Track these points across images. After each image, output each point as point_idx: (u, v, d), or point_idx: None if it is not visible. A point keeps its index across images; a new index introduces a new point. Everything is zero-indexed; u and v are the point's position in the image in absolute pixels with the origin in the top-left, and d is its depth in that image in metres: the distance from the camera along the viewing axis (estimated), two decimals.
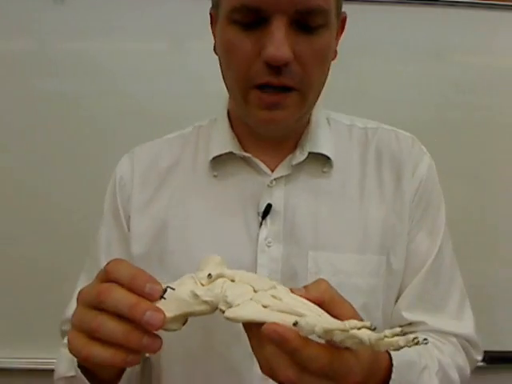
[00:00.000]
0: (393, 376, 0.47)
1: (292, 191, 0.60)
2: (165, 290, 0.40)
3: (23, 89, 1.11)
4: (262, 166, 0.61)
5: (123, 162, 0.67)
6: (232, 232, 0.59)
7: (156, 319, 0.38)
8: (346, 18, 0.61)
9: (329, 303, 0.39)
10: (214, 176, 0.62)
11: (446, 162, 1.21)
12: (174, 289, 0.40)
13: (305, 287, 0.40)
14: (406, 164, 0.64)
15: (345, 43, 0.61)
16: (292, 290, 0.40)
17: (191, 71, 1.12)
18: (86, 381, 0.49)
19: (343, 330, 0.35)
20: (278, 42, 0.49)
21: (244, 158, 0.61)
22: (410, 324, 0.61)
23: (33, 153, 1.11)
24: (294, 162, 0.60)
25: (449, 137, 1.20)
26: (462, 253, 1.21)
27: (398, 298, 0.62)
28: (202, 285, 0.41)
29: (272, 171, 0.61)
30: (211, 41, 0.59)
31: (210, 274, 0.41)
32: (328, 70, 0.58)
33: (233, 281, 0.41)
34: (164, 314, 0.39)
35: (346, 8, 0.59)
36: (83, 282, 0.65)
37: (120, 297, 0.39)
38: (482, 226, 1.23)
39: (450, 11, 1.17)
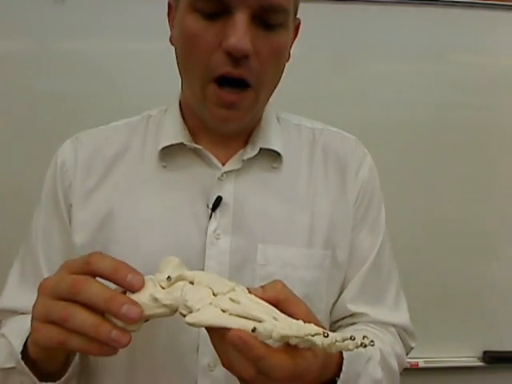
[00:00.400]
0: (343, 368, 0.50)
1: (242, 185, 0.61)
2: (124, 293, 0.41)
3: (23, 89, 1.11)
4: (213, 159, 0.61)
5: (65, 146, 0.65)
6: (181, 224, 0.59)
7: (133, 312, 0.39)
8: (299, 23, 0.62)
9: (284, 302, 0.41)
10: (163, 166, 0.61)
11: (445, 161, 1.22)
12: (133, 292, 0.41)
13: (262, 287, 0.42)
14: (350, 165, 0.66)
15: (345, 43, 0.61)
16: (250, 290, 0.42)
17: None
18: (29, 371, 0.48)
19: (298, 337, 0.37)
20: (241, 33, 0.50)
21: (195, 150, 0.61)
22: (353, 315, 0.64)
23: (32, 152, 1.11)
24: (245, 157, 0.60)
25: (449, 137, 1.20)
26: (463, 253, 1.22)
27: (341, 291, 0.65)
28: (162, 287, 0.42)
29: (223, 165, 0.61)
30: None
31: (169, 277, 0.42)
32: (282, 70, 0.59)
33: (192, 283, 0.42)
34: (141, 308, 0.40)
35: (346, 8, 0.59)
36: (17, 269, 0.64)
37: (96, 290, 0.39)
38: (482, 227, 1.23)
39: (450, 11, 1.17)
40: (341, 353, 0.50)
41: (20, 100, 1.11)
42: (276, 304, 0.41)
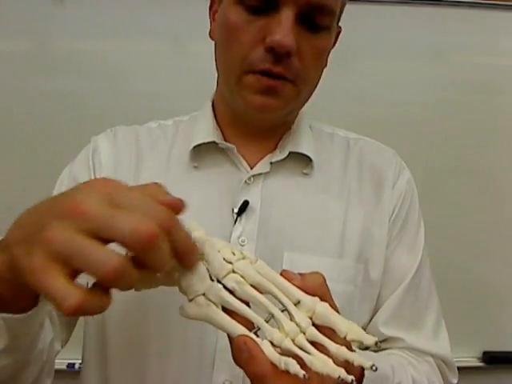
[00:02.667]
0: None
1: (270, 189, 0.59)
2: None
3: (23, 89, 1.11)
4: (242, 160, 0.59)
5: (101, 136, 0.64)
6: (203, 227, 0.56)
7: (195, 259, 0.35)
8: (340, 32, 0.61)
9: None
10: (195, 167, 0.60)
11: (446, 161, 1.22)
12: None
13: (301, 275, 0.38)
14: (387, 176, 0.63)
15: (345, 43, 0.62)
16: (285, 275, 0.37)
17: (192, 71, 1.12)
18: None
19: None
20: (286, 30, 0.49)
21: (224, 152, 0.60)
22: (386, 340, 0.60)
23: (34, 152, 1.11)
24: (274, 160, 0.59)
25: (448, 137, 1.20)
26: (463, 253, 1.22)
27: (374, 312, 0.60)
28: None
29: (251, 168, 0.59)
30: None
31: None
32: (320, 76, 0.58)
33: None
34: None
35: (346, 8, 0.59)
36: None
37: (183, 232, 0.34)
38: (483, 226, 1.23)
39: (450, 11, 1.17)
40: (362, 372, 0.45)
41: (20, 100, 1.11)
42: None
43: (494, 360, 1.25)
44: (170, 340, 0.54)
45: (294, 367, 0.33)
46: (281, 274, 0.37)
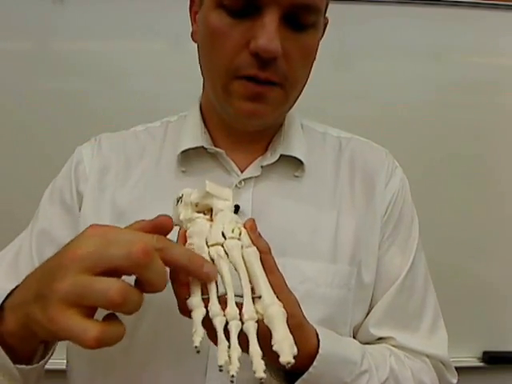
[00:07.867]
0: (315, 363, 0.44)
1: (261, 193, 0.57)
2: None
3: (23, 89, 1.11)
4: (232, 164, 0.58)
5: (85, 146, 0.64)
6: None
7: (214, 271, 0.38)
8: (327, 22, 0.60)
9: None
10: (183, 172, 0.59)
11: (446, 161, 1.21)
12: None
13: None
14: (379, 175, 0.62)
15: (345, 43, 0.61)
16: (246, 226, 0.42)
17: (192, 71, 1.12)
18: (4, 354, 0.40)
19: None
20: (271, 35, 0.48)
21: (214, 155, 0.59)
22: (378, 341, 0.59)
23: (34, 152, 1.11)
24: (265, 163, 0.58)
25: (448, 137, 1.20)
26: (463, 253, 1.22)
27: (367, 315, 0.59)
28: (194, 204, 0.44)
29: (242, 172, 0.58)
30: None
31: (197, 204, 0.44)
32: (310, 71, 0.57)
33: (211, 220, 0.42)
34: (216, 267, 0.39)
35: (346, 8, 0.59)
36: (15, 246, 0.61)
37: (178, 247, 0.39)
38: (483, 226, 1.23)
39: (450, 11, 1.17)
40: (317, 349, 0.45)
41: (19, 100, 1.11)
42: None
43: (494, 360, 1.25)
44: (162, 347, 0.53)
45: (196, 324, 0.35)
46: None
